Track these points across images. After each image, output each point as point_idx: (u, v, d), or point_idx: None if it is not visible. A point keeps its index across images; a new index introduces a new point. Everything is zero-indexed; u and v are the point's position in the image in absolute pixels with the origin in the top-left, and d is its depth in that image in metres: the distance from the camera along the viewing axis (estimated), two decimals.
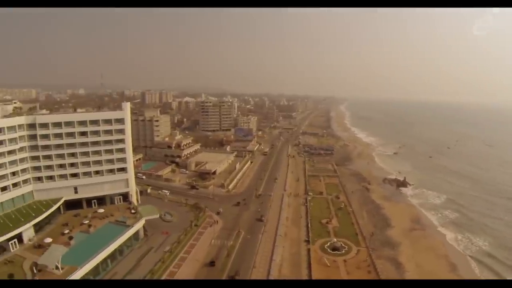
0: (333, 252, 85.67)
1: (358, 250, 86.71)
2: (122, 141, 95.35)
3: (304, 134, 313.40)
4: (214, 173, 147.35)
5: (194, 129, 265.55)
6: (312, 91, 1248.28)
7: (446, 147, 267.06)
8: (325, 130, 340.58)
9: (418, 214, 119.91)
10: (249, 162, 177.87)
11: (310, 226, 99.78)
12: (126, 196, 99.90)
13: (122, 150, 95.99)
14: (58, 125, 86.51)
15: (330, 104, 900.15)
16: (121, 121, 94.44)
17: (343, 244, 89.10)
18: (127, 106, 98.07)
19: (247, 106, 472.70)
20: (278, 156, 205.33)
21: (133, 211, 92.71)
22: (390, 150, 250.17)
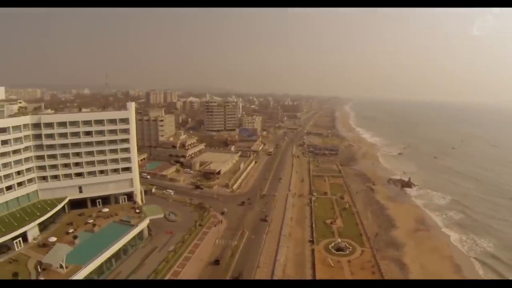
0: (337, 252, 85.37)
1: (363, 251, 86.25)
2: (126, 140, 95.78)
3: (308, 134, 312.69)
4: (219, 173, 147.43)
5: (198, 129, 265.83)
6: (316, 91, 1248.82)
7: (451, 148, 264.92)
8: (329, 130, 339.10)
9: (423, 215, 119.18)
10: (253, 162, 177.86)
11: (314, 226, 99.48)
12: (130, 195, 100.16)
13: (126, 150, 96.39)
14: (63, 124, 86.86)
15: (335, 104, 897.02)
16: (125, 120, 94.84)
17: (348, 244, 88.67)
18: (132, 106, 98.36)
19: (252, 106, 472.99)
20: (282, 156, 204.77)
21: (137, 211, 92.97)
22: (394, 151, 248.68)
